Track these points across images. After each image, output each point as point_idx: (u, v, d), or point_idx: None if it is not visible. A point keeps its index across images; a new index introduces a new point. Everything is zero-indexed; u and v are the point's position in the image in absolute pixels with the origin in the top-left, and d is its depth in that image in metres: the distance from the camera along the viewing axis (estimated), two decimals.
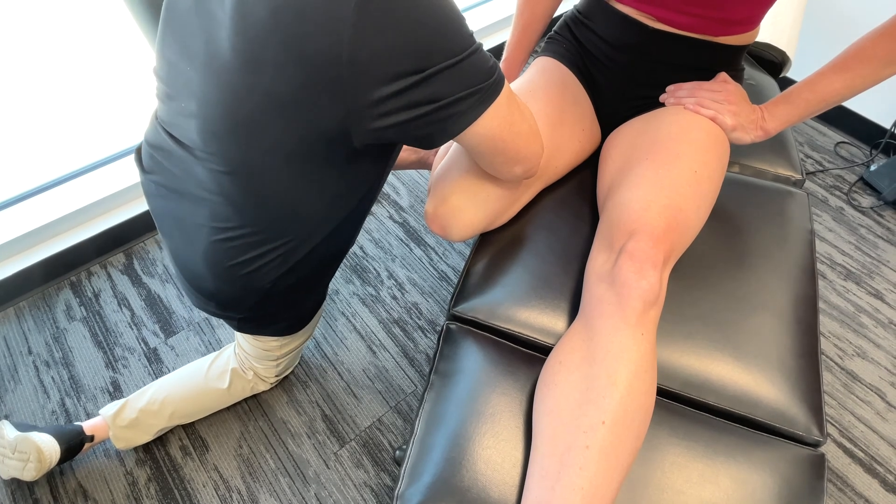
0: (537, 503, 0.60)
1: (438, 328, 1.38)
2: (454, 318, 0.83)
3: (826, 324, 1.42)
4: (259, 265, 0.77)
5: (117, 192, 1.42)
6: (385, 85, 0.56)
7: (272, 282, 0.79)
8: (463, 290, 0.84)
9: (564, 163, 0.92)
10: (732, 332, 0.78)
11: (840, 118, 1.84)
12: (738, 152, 1.04)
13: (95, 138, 1.60)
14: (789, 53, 1.20)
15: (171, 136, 0.74)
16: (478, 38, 0.86)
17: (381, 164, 0.74)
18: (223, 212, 0.73)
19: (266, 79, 0.58)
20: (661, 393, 0.75)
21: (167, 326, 1.35)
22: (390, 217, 1.58)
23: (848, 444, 1.22)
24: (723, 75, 0.88)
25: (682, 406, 0.74)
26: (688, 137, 0.81)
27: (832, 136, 1.85)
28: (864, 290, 1.48)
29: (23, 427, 1.09)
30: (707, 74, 0.89)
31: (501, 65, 1.11)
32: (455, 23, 0.57)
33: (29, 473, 1.04)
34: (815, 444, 0.71)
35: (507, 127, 0.68)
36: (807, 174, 1.74)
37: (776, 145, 1.05)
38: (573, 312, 0.79)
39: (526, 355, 0.78)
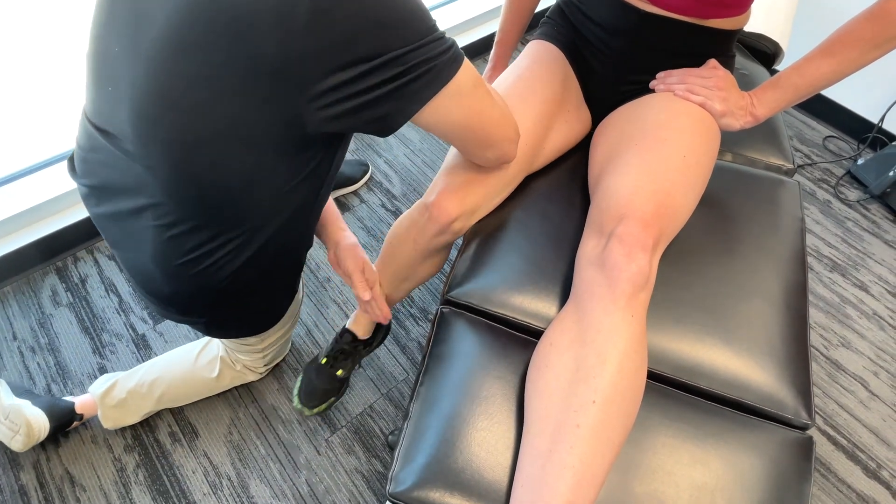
0: (529, 482, 0.61)
1: (430, 316, 1.38)
2: (448, 302, 0.83)
3: (812, 314, 1.44)
4: (210, 262, 0.73)
5: None
6: (335, 74, 0.56)
7: (226, 279, 0.75)
8: (457, 275, 0.84)
9: (553, 146, 0.92)
10: (723, 316, 0.78)
11: (828, 112, 1.86)
12: (731, 141, 1.05)
13: None
14: (782, 45, 1.21)
15: (100, 130, 0.70)
16: (463, 30, 0.86)
17: (333, 151, 0.72)
18: (164, 207, 0.68)
19: (203, 61, 0.56)
20: (653, 377, 0.76)
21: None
22: (382, 205, 1.58)
23: (832, 432, 1.24)
24: (712, 62, 0.88)
25: (673, 389, 0.75)
26: (676, 123, 0.81)
27: (821, 129, 1.87)
28: (850, 282, 1.50)
29: (19, 391, 1.09)
30: (699, 60, 0.90)
31: (494, 47, 1.10)
32: (410, 11, 0.57)
33: (17, 444, 1.05)
34: (804, 427, 0.72)
35: (474, 114, 0.68)
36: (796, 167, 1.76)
37: (768, 135, 1.06)
38: (565, 297, 0.80)
39: (519, 339, 0.78)
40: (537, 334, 0.77)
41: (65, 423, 1.08)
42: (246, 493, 1.11)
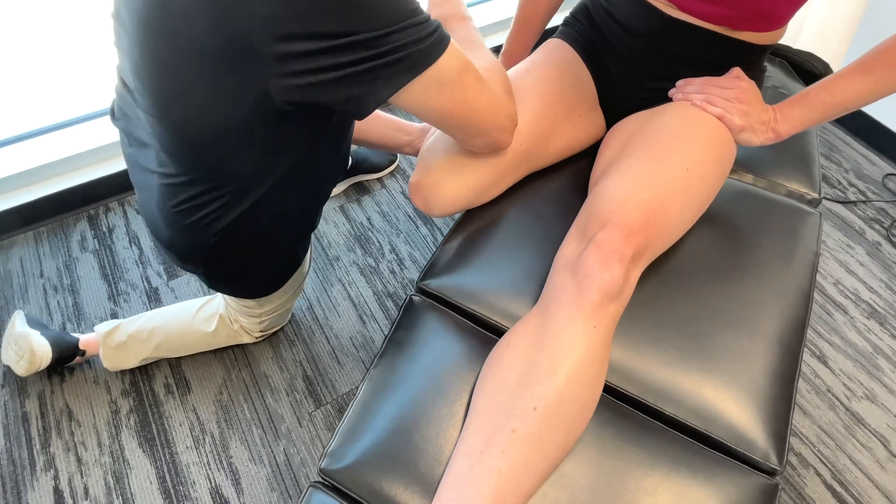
0: (455, 480, 0.59)
1: None
2: (420, 291, 0.82)
3: (839, 361, 1.34)
4: (200, 216, 0.77)
5: None
6: (298, 42, 0.55)
7: (215, 235, 0.79)
8: (434, 265, 0.83)
9: (558, 146, 0.89)
10: (705, 343, 0.74)
11: (894, 148, 1.71)
12: (755, 162, 0.98)
13: None
14: (833, 66, 1.12)
15: (122, 81, 0.76)
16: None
17: (317, 129, 0.72)
18: (164, 157, 0.73)
19: (175, 21, 0.58)
20: (617, 395, 0.72)
21: (171, 269, 1.39)
22: (402, 192, 1.58)
23: (838, 488, 1.15)
24: (736, 71, 0.83)
25: (634, 410, 0.71)
26: (686, 133, 0.77)
27: (882, 166, 1.73)
28: (888, 332, 1.38)
29: (33, 323, 1.17)
30: (723, 72, 0.85)
31: (500, 58, 1.07)
32: None
33: (20, 369, 1.12)
34: (771, 473, 0.67)
35: (458, 102, 0.66)
36: (847, 202, 1.64)
37: (796, 159, 0.99)
38: None
39: (484, 337, 0.76)
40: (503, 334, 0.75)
41: (67, 356, 1.15)
42: (225, 453, 1.14)
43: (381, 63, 0.57)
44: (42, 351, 1.12)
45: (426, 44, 0.59)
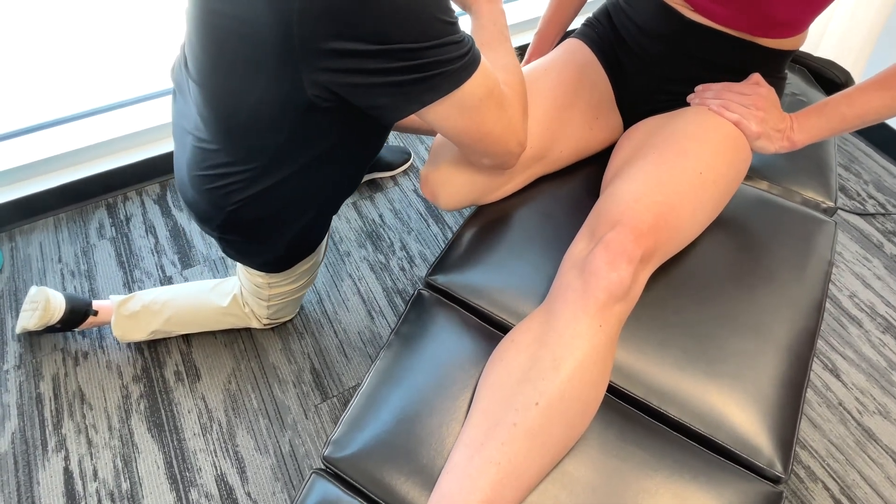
0: (455, 470, 0.59)
1: None
2: (429, 286, 0.82)
3: (852, 375, 1.32)
4: (221, 184, 0.80)
5: (165, 125, 1.50)
6: (338, 41, 0.56)
7: (233, 205, 0.81)
8: (444, 261, 0.83)
9: (571, 149, 0.89)
10: (711, 347, 0.73)
11: None
12: (770, 169, 0.98)
13: (160, 68, 1.68)
14: (854, 75, 1.11)
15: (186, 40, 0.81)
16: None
17: (349, 126, 0.73)
18: (198, 121, 0.77)
19: (228, 1, 0.60)
20: (620, 396, 0.72)
21: (185, 258, 1.41)
22: (415, 190, 1.59)
23: (846, 503, 1.13)
24: (755, 77, 0.82)
25: (638, 412, 0.70)
26: (701, 137, 0.77)
27: None
28: None
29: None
30: (743, 77, 0.84)
31: (533, 38, 1.07)
32: (432, 7, 0.56)
33: (33, 321, 1.15)
34: (776, 480, 0.66)
35: (475, 126, 0.67)
36: (865, 214, 1.61)
37: (812, 167, 0.98)
38: None
39: (490, 334, 0.76)
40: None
41: (78, 312, 1.18)
42: (232, 441, 1.16)
43: (412, 78, 0.58)
44: (56, 301, 1.16)
45: (457, 65, 0.60)
